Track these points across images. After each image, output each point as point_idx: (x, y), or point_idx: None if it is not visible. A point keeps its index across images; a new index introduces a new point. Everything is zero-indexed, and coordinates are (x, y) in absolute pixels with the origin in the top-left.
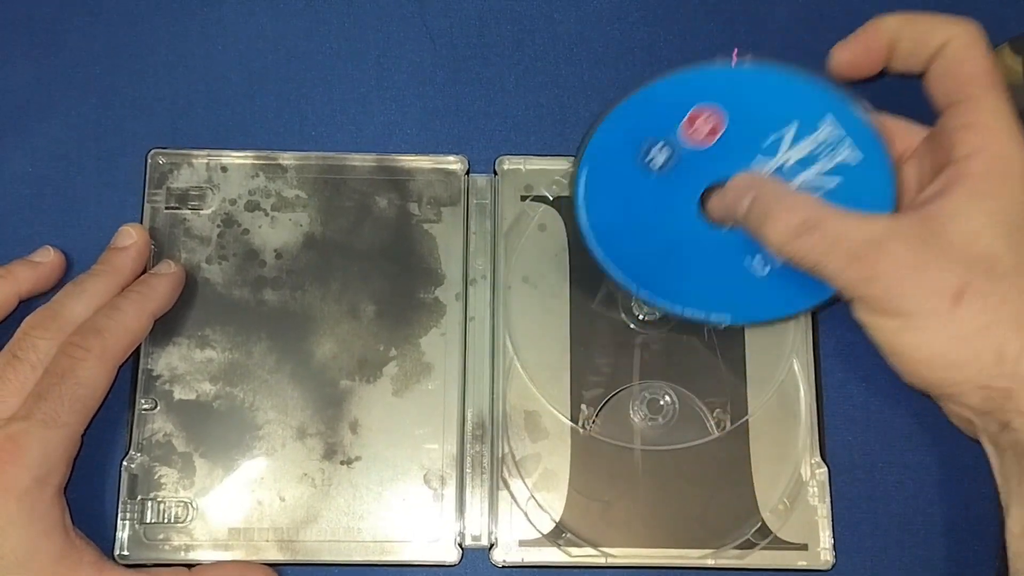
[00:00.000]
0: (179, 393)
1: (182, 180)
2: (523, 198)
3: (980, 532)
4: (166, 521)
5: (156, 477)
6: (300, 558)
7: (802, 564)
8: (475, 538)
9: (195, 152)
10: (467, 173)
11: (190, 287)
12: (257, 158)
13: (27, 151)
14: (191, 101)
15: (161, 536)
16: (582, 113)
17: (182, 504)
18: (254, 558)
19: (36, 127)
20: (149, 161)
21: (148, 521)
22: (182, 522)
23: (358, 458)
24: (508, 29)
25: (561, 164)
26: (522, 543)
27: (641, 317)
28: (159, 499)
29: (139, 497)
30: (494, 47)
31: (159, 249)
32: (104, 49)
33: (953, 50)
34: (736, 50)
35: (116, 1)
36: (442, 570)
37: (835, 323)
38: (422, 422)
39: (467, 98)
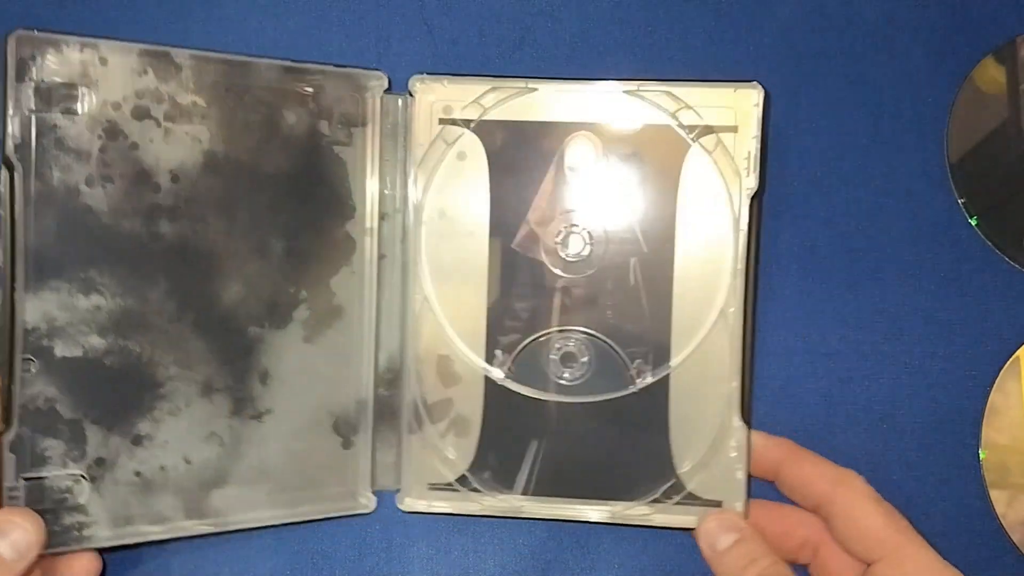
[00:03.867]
0: (61, 349)
1: (47, 72)
2: (441, 122)
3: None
4: (55, 500)
5: (39, 451)
6: (210, 525)
7: None
8: (385, 486)
9: (65, 37)
10: (385, 92)
11: (69, 217)
12: (144, 52)
13: None
14: None
15: (49, 518)
16: (513, 31)
17: (73, 479)
18: (159, 528)
19: None
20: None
21: (34, 503)
22: (74, 498)
23: (269, 411)
24: None
25: (485, 86)
26: (432, 487)
27: (565, 258)
28: (44, 476)
29: (20, 477)
30: None
31: (26, 167)
32: None
33: (844, 510)
34: None
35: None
36: (354, 519)
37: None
38: (334, 369)
39: (389, 7)
